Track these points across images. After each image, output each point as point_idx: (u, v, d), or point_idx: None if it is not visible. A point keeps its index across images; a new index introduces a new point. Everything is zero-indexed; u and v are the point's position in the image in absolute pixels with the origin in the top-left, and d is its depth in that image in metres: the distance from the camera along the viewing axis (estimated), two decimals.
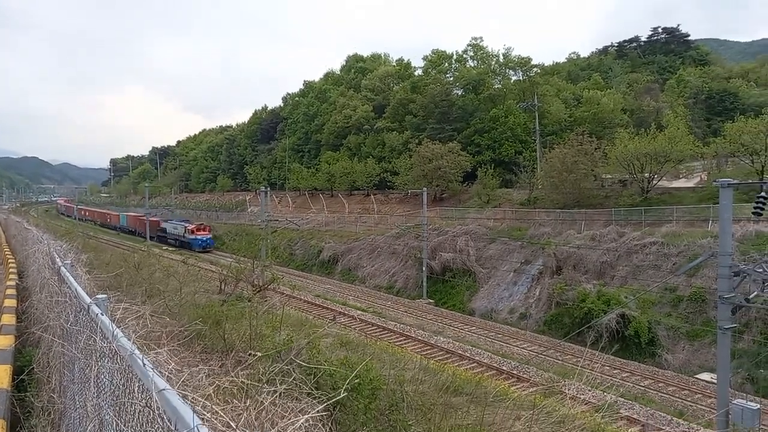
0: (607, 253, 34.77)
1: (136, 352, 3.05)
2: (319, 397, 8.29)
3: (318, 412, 5.59)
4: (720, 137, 42.86)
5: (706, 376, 23.52)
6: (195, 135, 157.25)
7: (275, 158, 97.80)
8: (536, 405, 11.55)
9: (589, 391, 18.66)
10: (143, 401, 2.82)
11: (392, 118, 76.17)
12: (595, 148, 46.08)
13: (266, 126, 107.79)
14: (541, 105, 61.32)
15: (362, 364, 9.82)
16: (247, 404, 5.82)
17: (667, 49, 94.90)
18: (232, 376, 9.25)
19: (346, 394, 8.75)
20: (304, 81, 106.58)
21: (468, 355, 25.44)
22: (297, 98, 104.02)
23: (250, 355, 10.99)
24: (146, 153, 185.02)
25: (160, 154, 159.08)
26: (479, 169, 55.85)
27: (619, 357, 26.53)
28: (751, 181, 37.05)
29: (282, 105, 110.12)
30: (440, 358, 23.66)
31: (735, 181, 14.75)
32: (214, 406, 3.01)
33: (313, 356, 8.88)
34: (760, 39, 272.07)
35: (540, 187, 50.41)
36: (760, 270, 13.58)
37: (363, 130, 79.68)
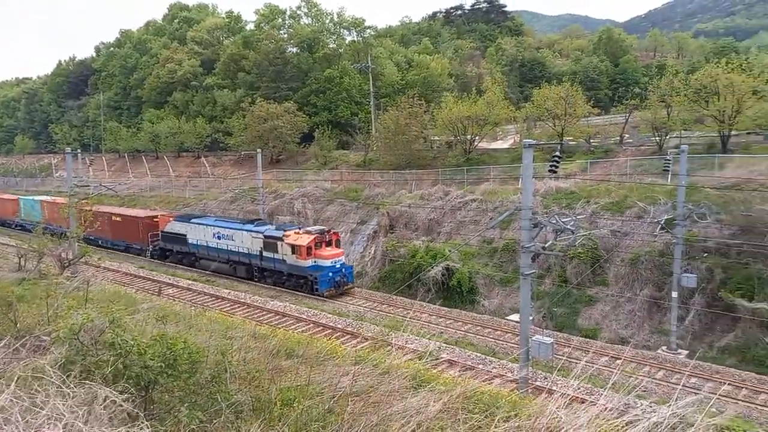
0: (435, 211, 37.15)
1: None
2: (126, 378, 7.52)
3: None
4: (529, 102, 47.63)
5: (515, 317, 26.53)
6: None
7: (88, 116, 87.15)
8: (363, 359, 11.85)
9: (416, 340, 20.01)
10: None
11: (223, 75, 72.01)
12: (425, 111, 48.45)
13: (75, 79, 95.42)
14: (375, 67, 62.48)
15: (180, 338, 9.13)
16: (25, 395, 5.02)
17: (488, 18, 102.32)
18: (21, 364, 7.99)
19: (158, 371, 8.03)
20: (121, 30, 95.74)
21: (304, 317, 25.65)
22: (112, 48, 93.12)
23: (52, 337, 9.63)
24: None
25: None
26: (316, 130, 55.57)
27: (445, 306, 28.80)
28: (548, 142, 42.05)
29: (94, 56, 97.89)
30: (275, 322, 23.52)
31: (535, 142, 16.49)
32: None
33: (118, 334, 8.03)
34: (565, 14, 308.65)
35: (375, 148, 51.83)
36: (554, 221, 15.53)
37: (191, 86, 74.30)
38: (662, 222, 24.42)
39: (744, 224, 25.44)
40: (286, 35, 72.00)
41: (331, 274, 30.35)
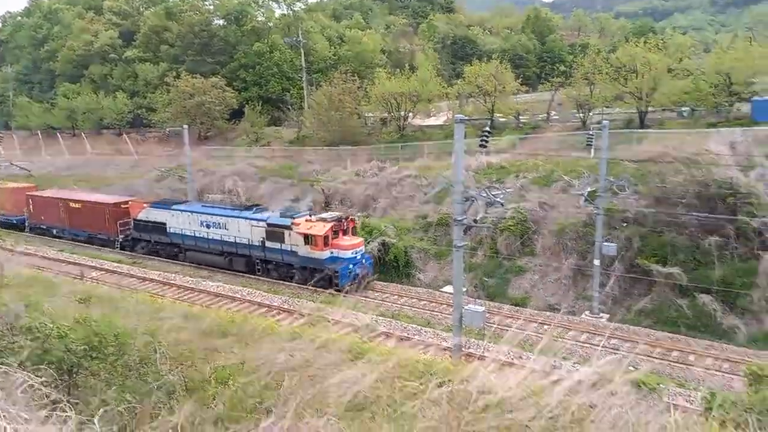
0: (370, 187, 37.22)
1: None
2: (47, 363, 7.15)
3: None
4: (461, 79, 48.25)
5: (449, 288, 27.20)
6: None
7: None
8: (299, 335, 11.80)
9: (353, 314, 20.16)
10: None
11: (145, 48, 68.32)
12: (358, 87, 48.05)
13: None
14: (307, 42, 61.11)
15: (105, 320, 8.75)
16: None
17: None
18: None
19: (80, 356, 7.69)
20: None
21: (239, 296, 25.21)
22: (20, 18, 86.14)
23: None
24: None
25: None
26: (246, 106, 53.95)
27: (381, 281, 29.08)
28: (478, 118, 42.90)
29: (0, 26, 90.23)
30: (208, 302, 22.99)
31: (466, 118, 16.82)
32: None
33: (36, 318, 7.60)
34: None
35: (308, 125, 51.03)
36: (485, 195, 15.97)
37: (109, 59, 70.12)
38: (586, 194, 25.63)
39: (659, 195, 27.16)
40: (212, 6, 69.05)
41: (351, 266, 27.10)
